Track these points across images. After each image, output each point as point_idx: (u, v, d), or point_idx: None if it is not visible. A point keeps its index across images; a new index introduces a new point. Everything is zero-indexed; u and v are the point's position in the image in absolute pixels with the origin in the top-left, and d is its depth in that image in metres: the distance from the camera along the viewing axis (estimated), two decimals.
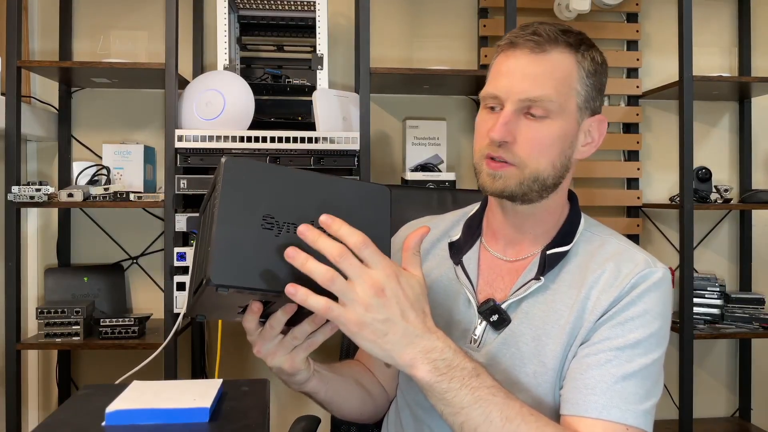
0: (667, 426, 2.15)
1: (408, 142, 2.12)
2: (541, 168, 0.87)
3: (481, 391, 0.73)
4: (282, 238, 0.69)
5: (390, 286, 0.68)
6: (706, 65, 2.27)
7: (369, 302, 0.67)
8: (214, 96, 1.75)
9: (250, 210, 0.68)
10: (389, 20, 2.19)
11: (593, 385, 0.80)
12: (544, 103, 0.85)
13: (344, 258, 0.66)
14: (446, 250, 1.00)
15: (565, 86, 0.87)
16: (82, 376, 2.08)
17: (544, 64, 0.86)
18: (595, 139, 0.93)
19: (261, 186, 0.69)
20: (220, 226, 0.66)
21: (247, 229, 0.67)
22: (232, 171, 0.69)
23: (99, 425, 0.70)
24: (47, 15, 2.05)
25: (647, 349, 0.82)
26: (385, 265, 0.69)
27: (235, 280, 0.66)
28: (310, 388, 0.89)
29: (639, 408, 0.79)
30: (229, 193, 0.68)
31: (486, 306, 0.89)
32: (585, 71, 0.89)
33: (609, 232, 0.95)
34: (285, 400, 2.11)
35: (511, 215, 0.93)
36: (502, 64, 0.89)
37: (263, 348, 0.79)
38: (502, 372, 0.87)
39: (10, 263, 1.73)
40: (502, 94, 0.86)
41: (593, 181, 2.26)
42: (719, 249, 2.33)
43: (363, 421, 1.06)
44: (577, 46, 0.89)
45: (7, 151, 1.73)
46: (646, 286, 0.85)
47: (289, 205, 0.70)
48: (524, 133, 0.86)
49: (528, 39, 0.87)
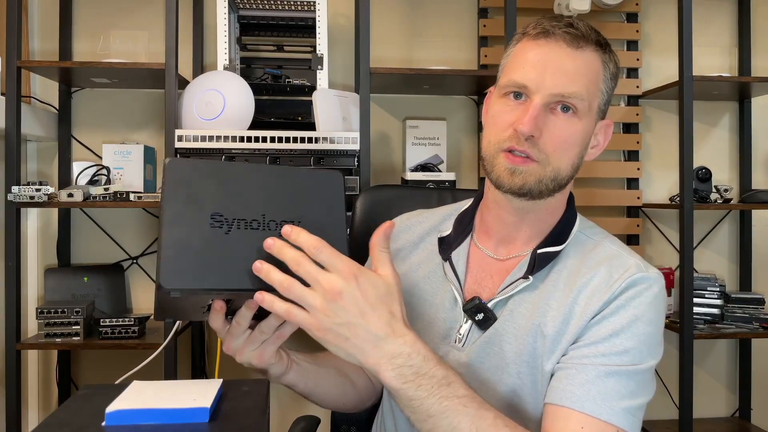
0: (667, 426, 2.15)
1: (408, 142, 2.12)
2: (563, 167, 0.85)
3: (451, 401, 0.70)
4: (232, 235, 0.68)
5: (347, 289, 0.67)
6: (706, 65, 2.27)
7: (326, 306, 0.67)
8: (214, 96, 1.75)
9: (197, 209, 0.68)
10: (389, 20, 2.19)
11: (573, 375, 0.79)
12: (575, 100, 0.83)
13: (300, 265, 0.67)
14: (436, 245, 0.98)
15: (594, 86, 0.85)
16: (82, 376, 2.08)
17: (579, 60, 0.84)
18: (601, 142, 0.92)
19: (206, 185, 0.69)
20: (167, 228, 0.66)
21: (196, 229, 0.67)
22: (175, 172, 0.68)
23: (99, 425, 0.70)
24: (47, 15, 2.05)
25: (636, 356, 0.80)
26: (342, 267, 0.67)
27: (186, 282, 0.65)
28: (288, 381, 0.88)
29: (617, 405, 0.77)
30: (173, 194, 0.67)
31: (471, 304, 0.87)
32: (610, 73, 0.88)
33: (603, 235, 0.93)
34: (285, 400, 2.11)
35: (510, 213, 0.90)
36: (531, 52, 0.85)
37: (232, 344, 0.79)
38: (486, 371, 0.86)
39: (10, 263, 1.73)
40: (533, 85, 0.83)
41: (593, 181, 2.26)
42: (719, 249, 2.33)
43: (346, 410, 1.05)
44: (605, 46, 0.87)
45: (7, 151, 1.73)
46: (637, 290, 0.82)
47: (236, 201, 0.69)
48: (552, 130, 0.83)
49: (565, 31, 0.84)
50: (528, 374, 0.84)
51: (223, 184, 0.69)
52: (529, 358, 0.84)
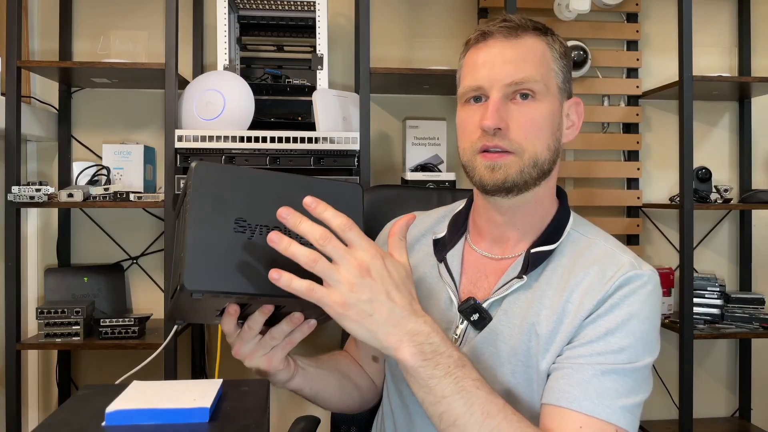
0: (667, 426, 2.15)
1: (408, 142, 2.12)
2: (539, 151, 0.86)
3: (466, 381, 0.71)
4: (255, 240, 0.69)
5: (375, 266, 0.68)
6: (706, 65, 2.27)
7: (354, 282, 0.66)
8: (214, 96, 1.75)
9: (221, 213, 0.69)
10: (389, 20, 2.19)
11: (569, 375, 0.79)
12: (530, 84, 0.85)
13: (327, 241, 0.66)
14: (431, 247, 0.99)
15: (543, 66, 0.87)
16: (82, 376, 2.08)
17: (519, 48, 0.87)
18: (575, 122, 0.93)
19: (232, 189, 0.70)
20: (192, 231, 0.67)
21: (220, 232, 0.68)
22: (202, 175, 0.69)
23: (99, 425, 0.70)
24: (47, 15, 2.05)
25: (633, 354, 0.80)
26: (369, 246, 0.68)
27: (209, 284, 0.66)
28: (294, 386, 0.89)
29: (615, 403, 0.77)
30: (200, 197, 0.68)
31: (466, 305, 0.88)
32: (557, 53, 0.90)
33: (597, 233, 0.93)
34: (285, 400, 2.11)
35: (499, 212, 0.91)
36: (477, 55, 0.89)
37: (242, 349, 0.80)
38: (482, 371, 0.86)
39: (10, 263, 1.73)
40: (486, 83, 0.86)
41: (593, 181, 2.26)
42: (719, 249, 2.33)
43: (351, 411, 1.06)
44: (545, 30, 0.90)
45: (7, 151, 1.73)
46: (631, 288, 0.82)
47: (260, 207, 0.70)
48: (516, 118, 0.85)
49: (500, 26, 0.87)
50: (522, 373, 0.84)
51: (247, 190, 0.70)
52: (524, 357, 0.84)
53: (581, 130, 0.99)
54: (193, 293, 0.66)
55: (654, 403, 2.26)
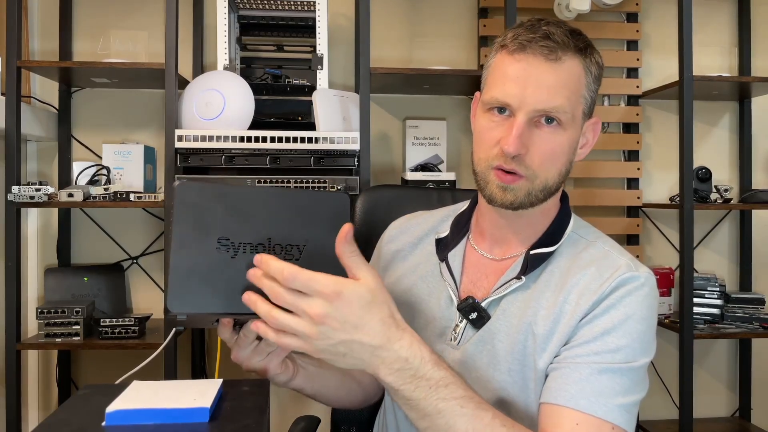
0: (667, 426, 2.15)
1: (408, 142, 2.12)
2: (550, 177, 0.86)
3: (447, 402, 0.71)
4: (238, 259, 0.70)
5: (332, 310, 0.66)
6: (706, 65, 2.27)
7: (315, 331, 0.67)
8: (214, 96, 1.75)
9: (204, 233, 0.69)
10: (389, 20, 2.19)
11: (566, 374, 0.80)
12: (558, 114, 0.83)
13: (279, 297, 0.66)
14: (434, 246, 1.00)
15: (576, 95, 0.85)
16: (82, 376, 2.08)
17: (558, 73, 0.83)
18: (590, 140, 0.93)
19: (214, 209, 0.70)
20: (175, 252, 0.68)
21: (203, 252, 0.69)
22: (184, 196, 0.69)
23: (99, 425, 0.70)
24: (47, 15, 2.05)
25: (630, 353, 0.80)
26: (322, 288, 0.65)
27: (192, 306, 0.68)
28: (295, 386, 0.91)
29: (611, 402, 0.78)
30: (182, 218, 0.69)
31: (465, 303, 0.89)
32: (592, 77, 0.88)
33: (597, 235, 0.94)
34: (285, 400, 2.11)
35: (503, 217, 0.92)
36: (510, 66, 0.84)
37: (239, 355, 0.81)
38: (479, 368, 0.87)
39: (10, 263, 1.73)
40: (514, 102, 0.83)
41: (593, 181, 2.26)
42: (719, 249, 2.33)
43: (353, 407, 1.08)
44: (585, 50, 0.87)
45: (7, 151, 1.73)
46: (627, 289, 0.83)
47: (243, 225, 0.71)
48: (537, 145, 0.84)
49: (542, 45, 0.83)
50: (518, 372, 0.85)
51: (230, 207, 0.71)
52: (520, 356, 0.85)
53: None
54: (177, 315, 0.68)
55: (654, 403, 2.26)
